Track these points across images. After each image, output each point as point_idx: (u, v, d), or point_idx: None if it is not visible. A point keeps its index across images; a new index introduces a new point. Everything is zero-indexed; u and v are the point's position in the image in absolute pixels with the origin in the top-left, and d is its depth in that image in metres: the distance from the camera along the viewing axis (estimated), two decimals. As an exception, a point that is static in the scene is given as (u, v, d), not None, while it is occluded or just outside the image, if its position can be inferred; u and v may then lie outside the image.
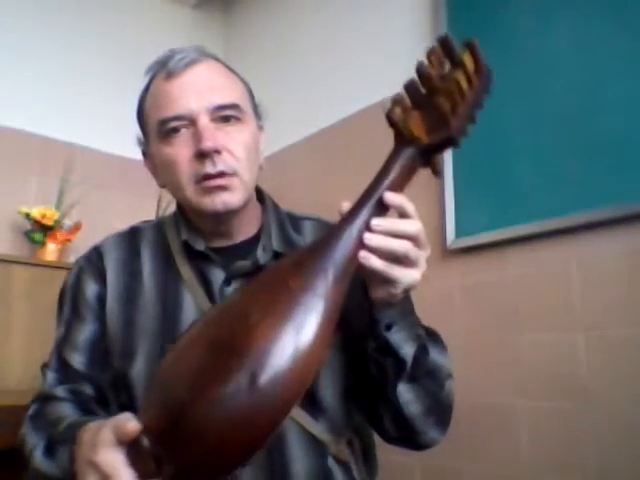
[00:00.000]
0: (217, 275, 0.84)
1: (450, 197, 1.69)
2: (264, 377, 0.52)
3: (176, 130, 0.81)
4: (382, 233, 0.61)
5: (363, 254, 0.61)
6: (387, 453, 0.92)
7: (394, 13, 2.01)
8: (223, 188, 0.80)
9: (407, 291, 0.69)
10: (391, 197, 0.63)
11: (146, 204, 2.26)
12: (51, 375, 0.87)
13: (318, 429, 0.79)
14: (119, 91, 2.42)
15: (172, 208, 0.96)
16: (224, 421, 0.52)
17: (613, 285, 1.35)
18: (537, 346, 1.47)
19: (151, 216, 2.04)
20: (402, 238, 0.62)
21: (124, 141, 2.34)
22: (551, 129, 1.48)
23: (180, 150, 0.81)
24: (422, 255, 0.65)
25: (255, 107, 0.90)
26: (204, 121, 0.80)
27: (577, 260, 1.42)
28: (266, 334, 0.54)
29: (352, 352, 0.82)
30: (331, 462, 0.80)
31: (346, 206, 0.64)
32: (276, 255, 0.86)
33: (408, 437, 0.81)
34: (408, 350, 0.72)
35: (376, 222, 0.62)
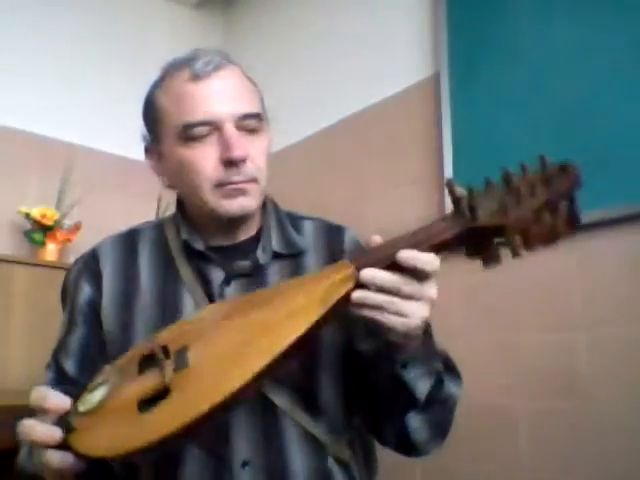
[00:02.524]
0: (216, 275, 0.84)
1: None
2: None
3: (201, 135, 0.80)
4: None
5: (357, 303, 0.64)
6: (387, 452, 0.92)
7: (394, 14, 2.01)
8: (242, 192, 0.81)
9: (424, 330, 0.69)
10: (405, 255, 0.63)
11: (146, 204, 2.26)
12: (50, 375, 0.88)
13: (318, 430, 0.79)
14: (119, 91, 2.43)
15: (172, 208, 0.95)
16: None
17: (613, 285, 1.35)
18: (537, 346, 1.47)
19: (151, 216, 2.04)
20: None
21: (124, 141, 2.37)
22: (551, 129, 1.48)
23: (204, 155, 0.80)
24: (407, 307, 0.64)
25: (265, 113, 0.90)
26: (231, 128, 0.80)
27: (577, 260, 1.42)
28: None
29: (353, 356, 0.82)
30: (331, 463, 0.80)
31: (376, 239, 0.67)
32: (276, 255, 0.86)
33: (406, 451, 0.82)
34: (423, 387, 0.73)
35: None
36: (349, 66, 2.15)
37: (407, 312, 0.64)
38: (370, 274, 0.63)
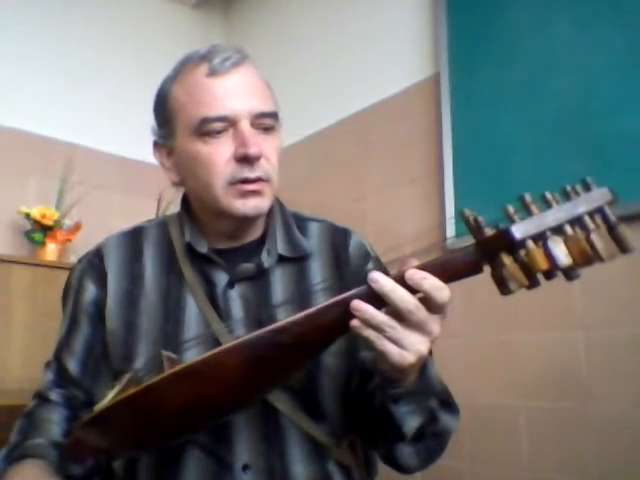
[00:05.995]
0: (220, 277, 0.84)
1: (450, 197, 1.69)
2: None
3: (217, 130, 0.79)
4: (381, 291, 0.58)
5: (355, 323, 0.58)
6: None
7: (394, 14, 2.01)
8: (256, 193, 0.80)
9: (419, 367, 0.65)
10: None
11: (146, 204, 2.26)
12: (49, 376, 0.88)
13: (319, 432, 0.79)
14: (119, 91, 2.43)
15: (172, 208, 0.95)
16: None
17: (613, 285, 1.35)
18: (537, 346, 1.47)
19: (151, 216, 2.04)
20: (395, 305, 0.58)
21: (124, 141, 2.37)
22: (551, 129, 1.48)
23: (219, 150, 0.79)
24: (407, 337, 0.59)
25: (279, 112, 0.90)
26: (247, 126, 0.80)
27: (577, 260, 1.42)
28: None
29: (356, 361, 0.82)
30: (332, 466, 0.80)
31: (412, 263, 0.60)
32: (280, 258, 0.86)
33: (396, 470, 0.80)
34: (412, 424, 0.70)
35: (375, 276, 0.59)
36: (349, 66, 2.15)
37: (406, 343, 0.59)
38: (389, 286, 0.58)
